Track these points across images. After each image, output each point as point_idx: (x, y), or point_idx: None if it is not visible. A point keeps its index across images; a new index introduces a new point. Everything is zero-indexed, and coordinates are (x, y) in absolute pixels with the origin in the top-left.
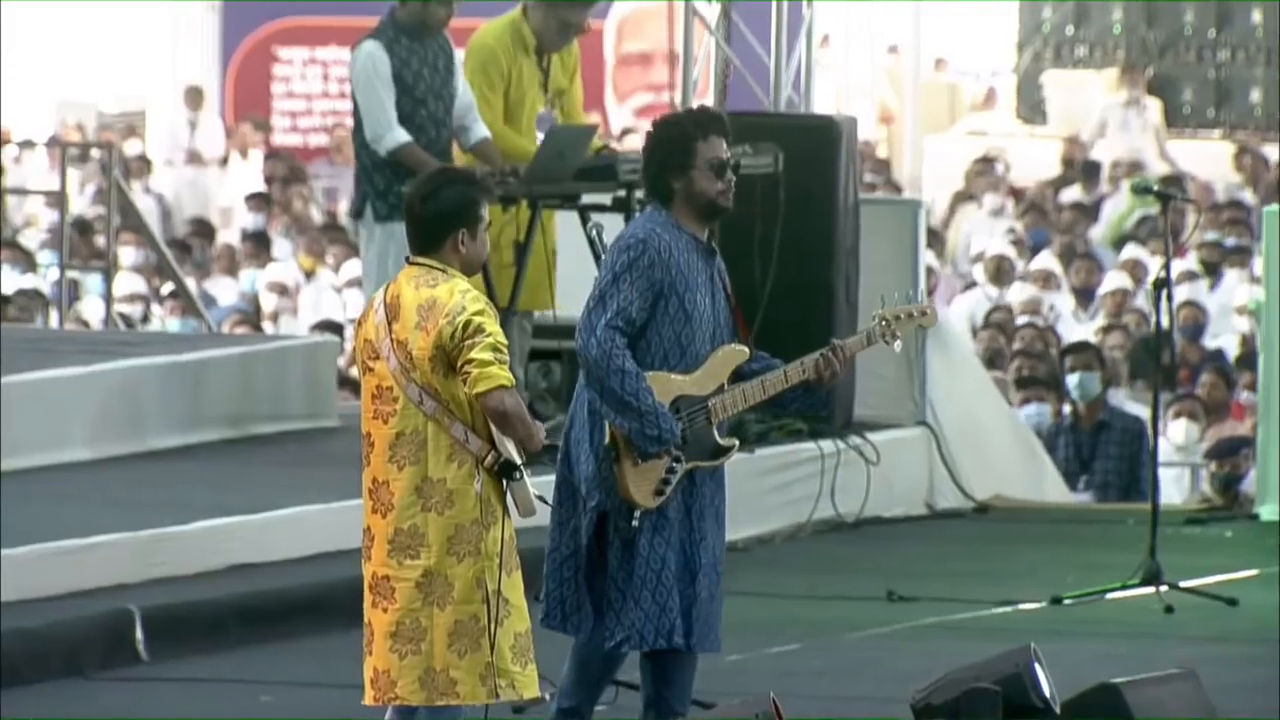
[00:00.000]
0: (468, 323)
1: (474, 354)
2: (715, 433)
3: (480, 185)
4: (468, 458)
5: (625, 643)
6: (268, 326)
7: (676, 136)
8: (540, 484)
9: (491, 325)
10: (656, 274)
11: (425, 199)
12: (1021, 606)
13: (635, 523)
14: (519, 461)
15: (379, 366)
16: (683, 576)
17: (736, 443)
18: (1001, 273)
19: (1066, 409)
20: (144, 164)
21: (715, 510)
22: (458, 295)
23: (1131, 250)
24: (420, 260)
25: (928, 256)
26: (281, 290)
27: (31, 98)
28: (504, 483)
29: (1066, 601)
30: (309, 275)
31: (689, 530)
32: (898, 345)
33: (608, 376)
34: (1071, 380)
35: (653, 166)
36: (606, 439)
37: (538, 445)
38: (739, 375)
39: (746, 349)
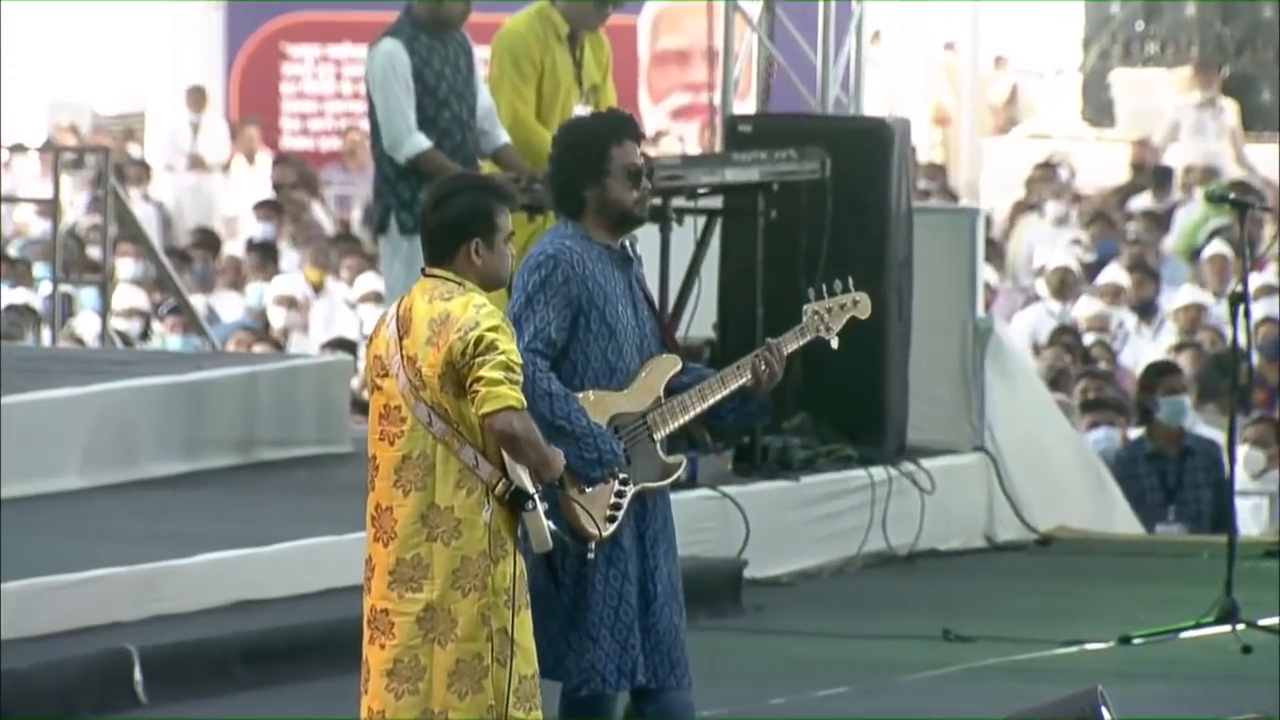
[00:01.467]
0: (480, 339)
1: (483, 372)
2: (659, 450)
3: (497, 192)
4: (477, 485)
5: (585, 685)
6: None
7: (588, 142)
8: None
9: (506, 343)
10: (572, 290)
11: (434, 207)
12: (1088, 646)
13: (591, 555)
14: (532, 490)
15: (388, 384)
16: (639, 607)
17: (684, 460)
18: (1066, 287)
19: (1134, 433)
20: (143, 170)
21: (668, 536)
22: (472, 310)
23: (1209, 254)
24: (435, 272)
25: (986, 269)
26: (291, 305)
27: (22, 99)
28: (516, 514)
29: (1136, 641)
30: (317, 289)
31: (641, 558)
32: (834, 340)
33: (534, 403)
34: (1164, 405)
35: (562, 175)
36: None
37: (555, 474)
38: (673, 388)
39: (678, 359)
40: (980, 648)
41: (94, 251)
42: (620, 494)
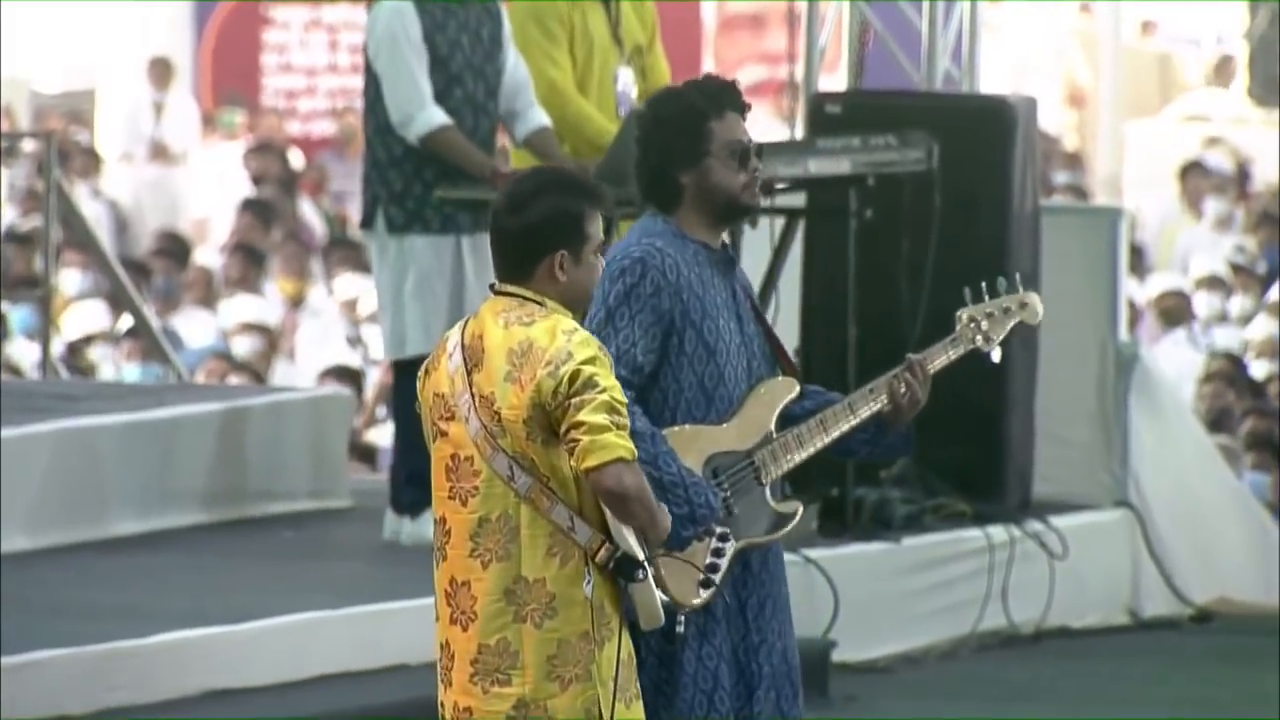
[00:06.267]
0: (575, 373)
1: (583, 416)
2: (769, 496)
3: (589, 192)
4: (574, 551)
5: None
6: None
7: (683, 115)
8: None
9: (606, 377)
10: (664, 303)
11: (513, 208)
12: None
13: (681, 628)
14: (641, 556)
15: (455, 430)
16: (737, 693)
17: (799, 507)
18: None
19: None
20: (93, 160)
21: (777, 602)
22: (561, 338)
23: None
24: (510, 289)
25: (1130, 282)
26: (270, 328)
27: None
28: (621, 584)
29: None
30: (296, 304)
31: (744, 632)
32: (995, 353)
33: None
34: None
35: (653, 158)
36: None
37: (663, 534)
38: (787, 418)
39: (795, 382)
40: None
41: (33, 261)
42: (719, 552)
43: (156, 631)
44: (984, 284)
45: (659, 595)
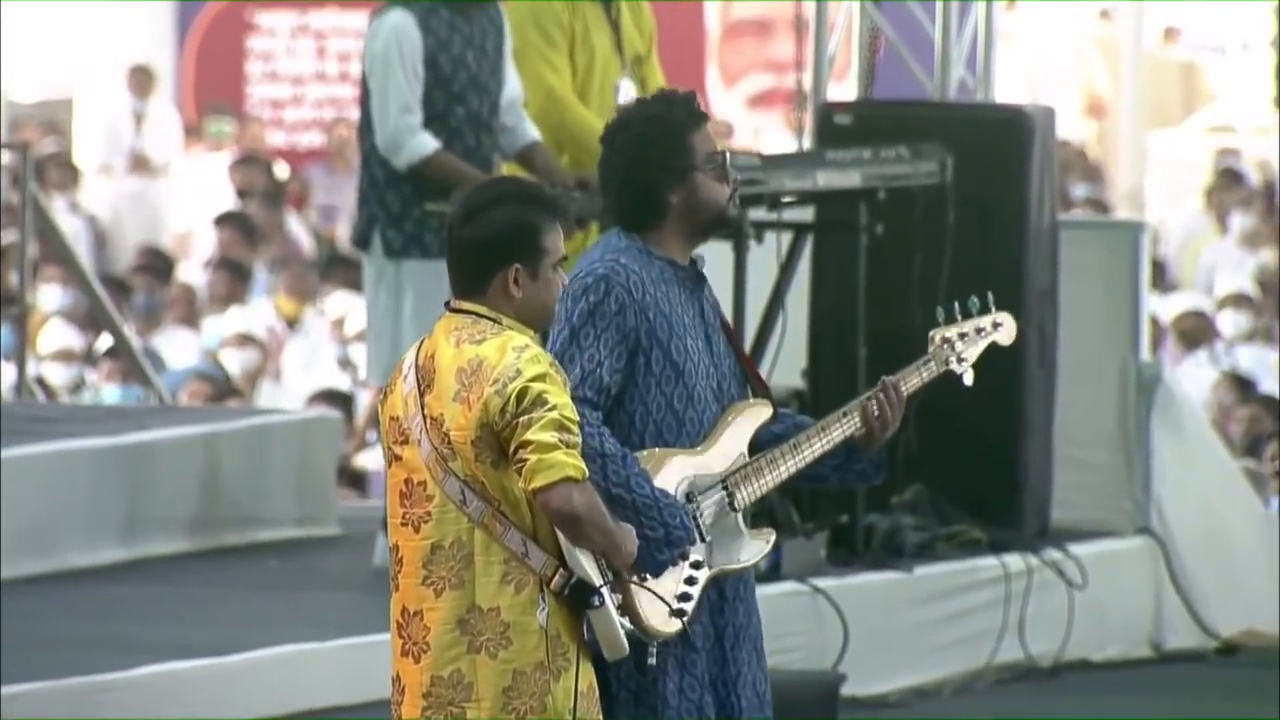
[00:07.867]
0: (523, 391)
1: (531, 435)
2: (742, 524)
3: (547, 204)
4: (529, 578)
5: None
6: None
7: (668, 132)
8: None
9: (557, 395)
10: (629, 321)
11: (465, 220)
12: None
13: (653, 660)
14: (598, 582)
15: (408, 454)
16: None
17: (772, 535)
18: (1257, 323)
19: None
20: (70, 172)
21: (753, 634)
22: (510, 354)
23: None
24: (464, 306)
25: (1152, 300)
26: (259, 347)
27: None
28: (580, 612)
29: None
30: (291, 324)
31: (721, 664)
32: (968, 375)
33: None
34: None
35: (642, 177)
36: None
37: (628, 557)
38: (756, 442)
39: (768, 404)
40: None
41: (8, 278)
42: (691, 580)
43: (138, 664)
44: (956, 303)
45: (622, 623)
